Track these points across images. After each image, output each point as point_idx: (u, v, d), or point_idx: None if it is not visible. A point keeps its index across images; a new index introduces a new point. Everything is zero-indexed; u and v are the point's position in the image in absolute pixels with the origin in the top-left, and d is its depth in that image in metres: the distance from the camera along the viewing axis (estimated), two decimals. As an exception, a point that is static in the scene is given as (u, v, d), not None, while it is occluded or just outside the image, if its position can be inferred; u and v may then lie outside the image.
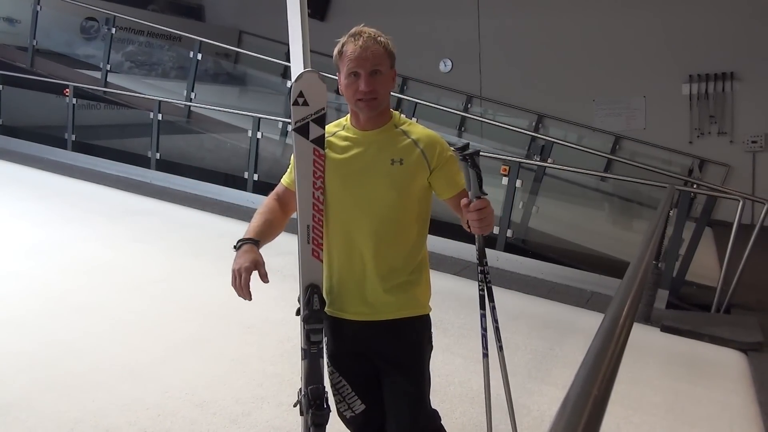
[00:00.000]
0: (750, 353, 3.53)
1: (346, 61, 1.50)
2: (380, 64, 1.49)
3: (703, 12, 7.74)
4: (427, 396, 1.68)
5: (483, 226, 1.50)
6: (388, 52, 1.52)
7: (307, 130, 1.53)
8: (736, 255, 4.08)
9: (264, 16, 9.85)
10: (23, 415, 2.27)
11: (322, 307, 1.58)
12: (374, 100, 1.51)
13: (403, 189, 1.55)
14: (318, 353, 1.58)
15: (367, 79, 1.48)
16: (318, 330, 1.57)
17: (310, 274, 1.58)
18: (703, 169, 8.02)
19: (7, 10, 8.43)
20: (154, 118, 6.68)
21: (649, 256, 1.88)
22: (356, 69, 1.48)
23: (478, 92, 9.23)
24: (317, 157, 1.54)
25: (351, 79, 1.50)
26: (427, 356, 1.67)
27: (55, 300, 3.37)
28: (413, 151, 1.56)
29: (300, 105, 1.52)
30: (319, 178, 1.55)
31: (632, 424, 2.63)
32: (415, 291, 1.61)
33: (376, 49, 1.49)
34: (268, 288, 1.52)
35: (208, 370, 2.75)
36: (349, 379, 1.67)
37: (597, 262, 4.82)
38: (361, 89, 1.49)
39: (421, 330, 1.64)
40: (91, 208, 5.39)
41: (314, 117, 1.53)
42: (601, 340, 0.95)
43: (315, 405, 1.55)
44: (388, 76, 1.53)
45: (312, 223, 1.56)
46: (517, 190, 4.90)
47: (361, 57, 1.47)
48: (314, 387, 1.56)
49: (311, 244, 1.57)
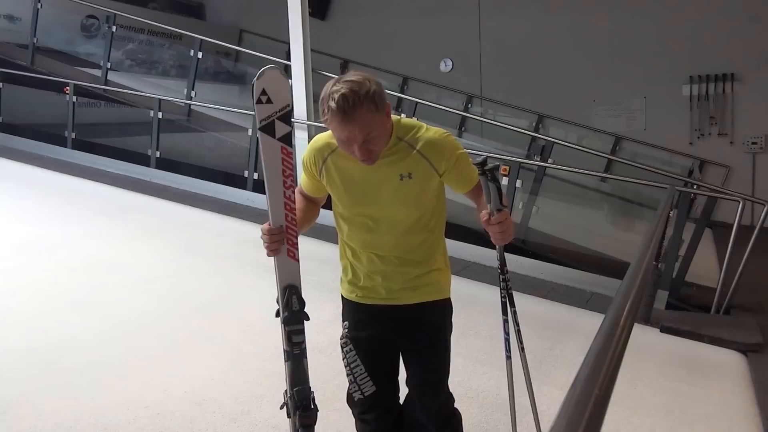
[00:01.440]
0: (749, 354, 3.53)
1: (334, 130, 1.44)
2: (372, 128, 1.41)
3: (704, 13, 7.73)
4: (447, 378, 1.79)
5: (504, 238, 1.56)
6: (377, 107, 1.40)
7: (273, 128, 1.50)
8: (735, 256, 4.08)
9: (265, 14, 9.85)
10: (22, 413, 2.27)
11: (302, 308, 1.58)
12: (372, 153, 1.46)
13: (416, 202, 1.58)
14: (301, 354, 1.57)
15: (361, 148, 1.43)
16: (300, 331, 1.56)
17: (287, 276, 1.56)
18: (703, 170, 8.02)
19: (8, 7, 8.42)
20: (154, 117, 6.67)
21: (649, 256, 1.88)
22: (348, 141, 1.43)
23: (478, 92, 9.23)
24: (285, 156, 1.52)
25: (343, 143, 1.46)
26: (450, 338, 1.77)
27: (54, 298, 3.37)
28: (420, 162, 1.54)
29: (264, 103, 1.48)
30: (289, 177, 1.54)
31: (631, 425, 2.63)
32: (437, 277, 1.68)
33: (363, 118, 1.38)
34: (267, 287, 1.52)
35: (207, 368, 2.75)
36: (365, 360, 1.71)
37: (597, 262, 4.82)
38: (357, 156, 1.45)
39: (443, 312, 1.74)
40: (90, 206, 5.39)
41: (279, 115, 1.50)
42: (602, 341, 0.95)
43: (302, 406, 1.55)
44: (381, 126, 1.45)
45: (285, 223, 1.55)
46: (517, 190, 4.89)
47: (351, 134, 1.40)
48: (300, 389, 1.56)
49: (286, 244, 1.55)
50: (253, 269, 4.06)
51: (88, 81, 7.70)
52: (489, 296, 4.21)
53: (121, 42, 8.43)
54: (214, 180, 6.37)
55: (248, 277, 3.96)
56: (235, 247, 4.61)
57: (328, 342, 1.67)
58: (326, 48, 9.00)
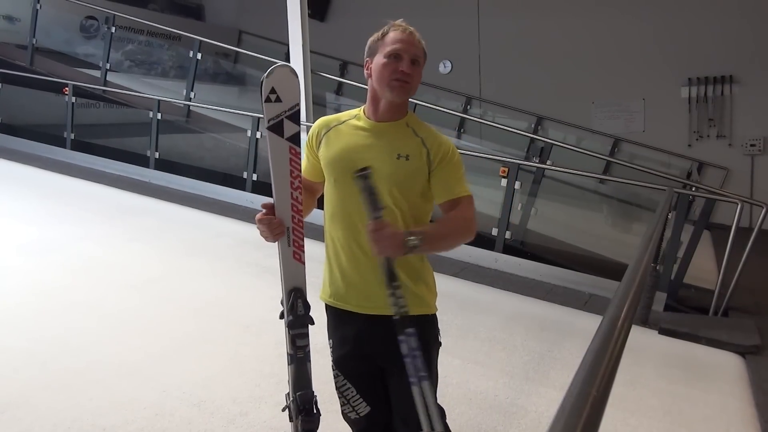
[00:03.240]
0: (747, 356, 3.53)
1: (389, 43, 1.53)
2: (420, 56, 1.55)
3: (703, 15, 7.75)
4: (434, 394, 1.67)
5: (379, 248, 1.38)
6: (424, 53, 1.58)
7: (281, 127, 1.47)
8: (734, 258, 4.08)
9: (264, 15, 9.85)
10: (20, 414, 2.27)
11: (307, 311, 1.55)
12: (407, 84, 1.53)
13: (404, 185, 1.53)
14: (305, 357, 1.55)
15: (409, 63, 1.51)
16: (304, 334, 1.54)
17: (293, 278, 1.53)
18: (702, 172, 8.04)
19: (7, 8, 8.43)
20: (154, 118, 6.67)
21: (648, 258, 1.88)
22: (400, 51, 1.51)
23: (477, 94, 9.24)
24: (293, 156, 1.50)
25: (391, 60, 1.51)
26: (434, 355, 1.65)
27: (53, 298, 3.37)
28: (420, 149, 1.54)
29: (273, 102, 1.46)
30: (297, 178, 1.51)
31: (629, 426, 2.63)
32: (419, 290, 1.58)
33: (418, 42, 1.55)
34: (266, 288, 1.53)
35: (205, 369, 2.75)
36: (354, 382, 1.65)
37: (595, 264, 4.82)
38: (402, 69, 1.51)
39: (426, 328, 1.59)
40: (89, 207, 5.38)
41: (288, 114, 1.48)
42: (600, 342, 0.96)
43: (305, 410, 1.53)
44: (420, 72, 1.57)
45: (292, 225, 1.52)
46: (515, 191, 4.90)
47: (408, 41, 1.53)
48: (303, 393, 1.54)
49: (292, 246, 1.52)
50: (252, 270, 4.06)
51: (87, 82, 7.71)
52: (487, 297, 4.22)
53: (120, 43, 8.43)
54: (213, 181, 6.38)
55: (247, 278, 3.96)
56: (234, 249, 4.61)
57: (326, 344, 1.67)
58: (325, 49, 9.01)
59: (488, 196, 5.17)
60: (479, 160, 6.17)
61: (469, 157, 6.19)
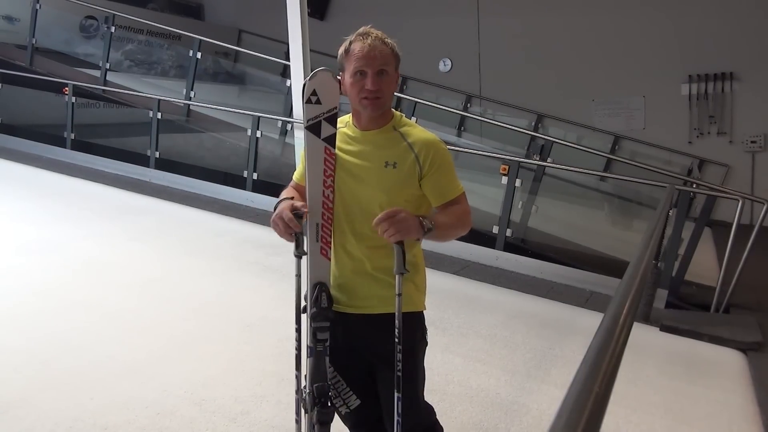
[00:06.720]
0: (749, 353, 3.53)
1: (353, 59, 1.50)
2: (387, 64, 1.51)
3: (703, 12, 7.74)
4: (421, 391, 1.70)
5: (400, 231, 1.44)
6: (394, 54, 1.54)
7: (319, 128, 1.54)
8: (735, 255, 4.08)
9: (263, 15, 9.85)
10: (21, 413, 2.27)
11: (330, 305, 1.59)
12: (378, 99, 1.52)
13: (392, 192, 1.55)
14: (324, 351, 1.59)
15: (374, 78, 1.49)
16: (325, 328, 1.58)
17: (318, 272, 1.60)
18: (703, 169, 8.02)
19: (7, 8, 8.42)
20: (154, 117, 6.67)
21: (649, 255, 1.88)
22: (363, 68, 1.49)
23: (477, 92, 9.23)
24: (328, 156, 1.56)
25: (357, 78, 1.50)
26: (421, 352, 1.69)
27: (54, 298, 3.37)
28: (408, 155, 1.55)
29: (313, 103, 1.53)
30: (330, 177, 1.56)
31: (631, 423, 2.63)
32: (406, 288, 1.59)
33: (383, 49, 1.50)
34: (266, 287, 1.53)
35: (206, 368, 2.75)
36: (344, 374, 1.68)
37: (596, 261, 4.82)
38: (367, 87, 1.49)
39: (413, 326, 1.64)
40: (89, 207, 5.39)
41: (326, 116, 1.54)
42: (602, 339, 0.95)
43: (321, 403, 1.56)
44: (393, 77, 1.54)
45: (321, 222, 1.58)
46: (516, 189, 4.90)
47: (369, 56, 1.48)
48: (320, 385, 1.58)
49: (320, 242, 1.58)
50: (252, 269, 4.05)
51: (87, 81, 7.71)
52: (488, 295, 4.22)
53: (120, 42, 8.43)
54: (213, 180, 6.38)
55: (248, 277, 3.95)
56: (234, 248, 4.61)
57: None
58: (325, 48, 8.93)
59: (489, 194, 5.17)
60: (480, 158, 6.17)
61: (470, 155, 6.20)
